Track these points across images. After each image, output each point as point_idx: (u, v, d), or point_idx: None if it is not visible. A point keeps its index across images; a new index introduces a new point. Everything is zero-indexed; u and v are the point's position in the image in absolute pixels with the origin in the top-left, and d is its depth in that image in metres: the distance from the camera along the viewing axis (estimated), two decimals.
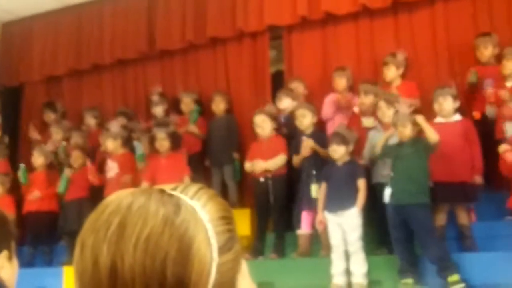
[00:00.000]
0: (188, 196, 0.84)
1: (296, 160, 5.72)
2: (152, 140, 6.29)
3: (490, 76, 5.68)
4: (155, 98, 7.17)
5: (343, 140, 5.19)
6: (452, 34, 6.32)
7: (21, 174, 6.94)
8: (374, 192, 5.17)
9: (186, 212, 0.81)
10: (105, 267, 0.78)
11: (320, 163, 5.56)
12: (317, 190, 5.43)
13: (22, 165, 7.01)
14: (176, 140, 6.27)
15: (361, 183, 5.09)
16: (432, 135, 4.74)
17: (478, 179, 5.13)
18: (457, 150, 5.02)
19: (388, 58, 6.16)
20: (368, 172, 5.28)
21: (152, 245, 0.77)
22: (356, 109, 6.06)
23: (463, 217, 4.93)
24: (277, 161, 5.74)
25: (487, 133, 5.41)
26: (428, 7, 6.49)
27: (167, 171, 6.04)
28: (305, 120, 5.69)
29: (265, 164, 5.75)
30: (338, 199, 5.07)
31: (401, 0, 6.43)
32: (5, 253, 1.58)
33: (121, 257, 0.77)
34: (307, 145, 5.58)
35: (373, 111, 5.78)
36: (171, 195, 0.83)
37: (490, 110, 5.56)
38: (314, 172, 5.52)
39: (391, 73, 6.11)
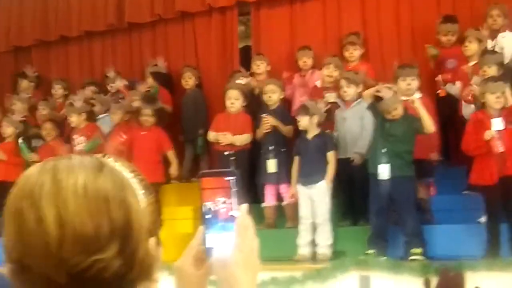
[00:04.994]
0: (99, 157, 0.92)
1: (258, 134, 5.89)
2: (132, 115, 6.35)
3: (452, 57, 5.91)
4: (111, 74, 7.20)
5: (306, 111, 5.33)
6: (415, 15, 6.51)
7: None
8: (341, 166, 5.35)
9: (108, 164, 0.89)
10: (51, 220, 0.80)
11: (279, 139, 5.74)
12: (274, 165, 5.62)
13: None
14: (162, 116, 6.36)
15: (331, 156, 5.25)
16: (429, 126, 4.87)
17: (435, 155, 5.36)
18: None
19: (353, 38, 6.34)
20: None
21: (91, 190, 0.82)
22: (318, 83, 6.21)
23: (422, 192, 5.18)
24: (243, 138, 5.90)
25: (450, 110, 5.63)
26: None
27: (148, 144, 6.16)
28: (274, 95, 5.83)
29: (232, 138, 5.88)
30: (309, 172, 5.24)
31: None
32: None
33: (65, 206, 0.80)
34: (267, 122, 5.74)
35: (335, 86, 5.97)
36: (87, 155, 0.90)
37: (451, 87, 5.78)
38: (271, 147, 5.70)
39: (357, 53, 6.29)
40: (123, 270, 0.83)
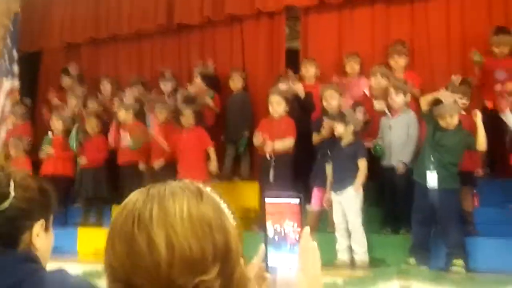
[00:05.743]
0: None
1: (316, 138, 5.90)
2: (175, 115, 6.48)
3: (502, 68, 5.84)
4: (168, 74, 7.35)
5: (342, 119, 5.34)
6: (466, 25, 6.44)
7: (45, 143, 7.14)
8: (385, 174, 5.35)
9: (205, 190, 0.97)
10: (161, 243, 0.87)
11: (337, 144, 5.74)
12: (330, 170, 5.62)
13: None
14: (200, 117, 6.51)
15: (362, 163, 5.24)
16: (483, 143, 4.85)
17: (479, 171, 5.31)
18: None
19: (399, 47, 6.32)
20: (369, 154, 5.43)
21: (195, 216, 0.90)
22: (366, 91, 6.23)
23: (465, 203, 5.13)
24: (285, 143, 5.91)
25: (498, 123, 5.57)
26: None
27: (190, 143, 6.30)
28: (334, 101, 5.83)
29: (273, 144, 5.90)
30: (340, 179, 5.26)
31: None
32: (41, 222, 1.58)
33: (173, 231, 0.88)
34: (328, 127, 5.76)
35: (384, 95, 5.97)
36: (183, 181, 0.98)
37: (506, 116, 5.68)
38: (329, 152, 5.71)
39: (402, 61, 6.28)
40: None
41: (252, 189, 6.60)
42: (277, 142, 5.92)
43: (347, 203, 5.19)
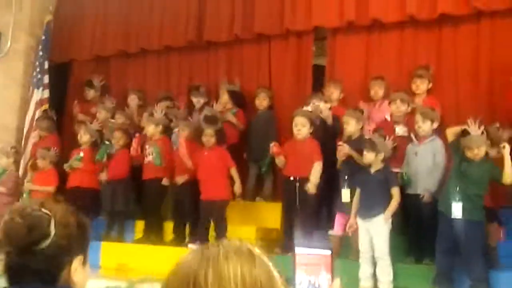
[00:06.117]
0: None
1: (338, 162, 5.93)
2: (198, 133, 6.54)
3: None
4: (201, 89, 7.41)
5: (373, 147, 5.34)
6: (495, 53, 6.41)
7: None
8: (410, 202, 5.34)
9: (259, 254, 1.02)
10: None
11: (355, 169, 5.74)
12: (347, 195, 5.63)
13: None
14: (222, 136, 6.53)
15: (395, 191, 5.25)
16: (509, 177, 4.84)
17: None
18: None
19: (422, 71, 6.32)
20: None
21: (248, 281, 0.96)
22: (388, 116, 6.24)
23: (490, 236, 5.11)
24: (316, 172, 5.91)
25: None
26: (474, 23, 6.58)
27: (212, 162, 6.33)
28: (349, 127, 5.86)
29: (312, 181, 5.87)
30: (368, 206, 5.26)
31: (446, 14, 6.53)
32: (80, 257, 1.62)
33: None
34: (341, 150, 5.78)
35: (405, 120, 5.99)
36: (235, 242, 1.03)
37: None
38: (346, 177, 5.72)
39: (424, 86, 6.28)
40: None
41: (274, 209, 6.63)
42: (312, 177, 5.86)
43: (376, 231, 5.18)
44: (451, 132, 5.16)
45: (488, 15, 6.46)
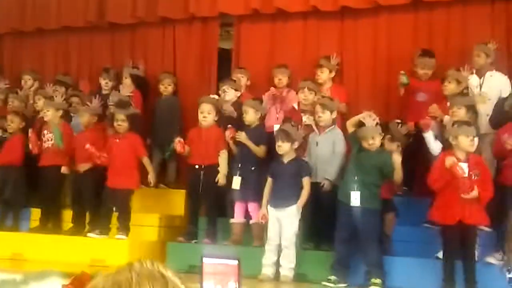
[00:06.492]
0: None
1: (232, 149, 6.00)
2: (107, 118, 6.34)
3: (423, 90, 6.11)
4: (111, 72, 7.17)
5: (288, 137, 5.42)
6: (392, 45, 6.70)
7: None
8: (312, 188, 5.46)
9: (172, 278, 1.02)
10: None
11: (250, 158, 5.83)
12: (237, 182, 5.73)
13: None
14: (135, 122, 6.34)
15: (306, 181, 5.37)
16: (399, 177, 5.19)
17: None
18: None
19: (322, 61, 6.47)
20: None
21: None
22: (295, 105, 6.35)
23: (386, 224, 5.36)
24: (224, 162, 5.95)
25: (417, 143, 5.82)
26: (372, 17, 6.81)
27: (122, 150, 6.16)
28: (248, 116, 5.92)
29: (222, 171, 5.90)
30: (281, 196, 5.35)
31: (348, 7, 6.72)
32: None
33: None
34: (228, 135, 5.84)
35: (312, 109, 6.11)
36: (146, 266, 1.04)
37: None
38: (239, 165, 5.80)
39: (324, 75, 6.42)
40: None
41: (178, 196, 6.61)
42: (221, 167, 5.89)
43: (287, 220, 5.28)
44: (350, 124, 5.35)
45: (386, 9, 6.71)
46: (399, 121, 5.69)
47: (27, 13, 7.94)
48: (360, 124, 5.29)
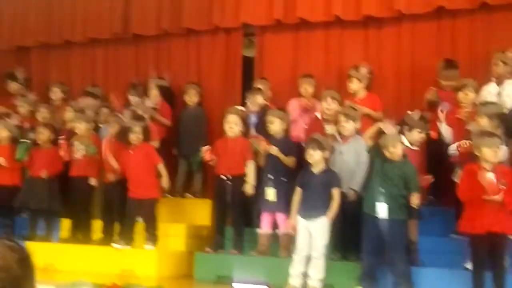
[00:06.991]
0: None
1: (261, 160, 6.04)
2: (124, 130, 6.42)
3: (446, 100, 6.11)
4: (139, 88, 7.27)
5: (319, 146, 5.40)
6: (416, 53, 6.70)
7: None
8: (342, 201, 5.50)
9: None
10: None
11: (280, 168, 5.86)
12: (272, 194, 5.76)
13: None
14: (148, 133, 6.42)
15: (336, 193, 5.36)
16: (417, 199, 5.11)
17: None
18: None
19: (351, 72, 6.46)
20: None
21: None
22: (318, 115, 6.37)
23: (411, 233, 5.37)
24: (251, 173, 5.99)
25: (441, 151, 5.82)
26: (395, 26, 6.83)
27: (139, 160, 6.24)
28: (273, 126, 5.97)
29: (250, 182, 5.95)
30: (311, 206, 5.34)
31: (371, 16, 6.75)
32: None
33: None
34: (256, 143, 5.89)
35: (335, 119, 6.14)
36: None
37: (444, 130, 5.95)
38: (271, 176, 5.83)
39: (354, 85, 6.41)
40: None
41: (204, 206, 6.69)
42: (248, 178, 5.94)
43: (317, 231, 5.28)
44: (367, 136, 5.34)
45: (409, 18, 6.72)
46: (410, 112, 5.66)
47: (54, 26, 8.10)
48: (380, 134, 5.29)
